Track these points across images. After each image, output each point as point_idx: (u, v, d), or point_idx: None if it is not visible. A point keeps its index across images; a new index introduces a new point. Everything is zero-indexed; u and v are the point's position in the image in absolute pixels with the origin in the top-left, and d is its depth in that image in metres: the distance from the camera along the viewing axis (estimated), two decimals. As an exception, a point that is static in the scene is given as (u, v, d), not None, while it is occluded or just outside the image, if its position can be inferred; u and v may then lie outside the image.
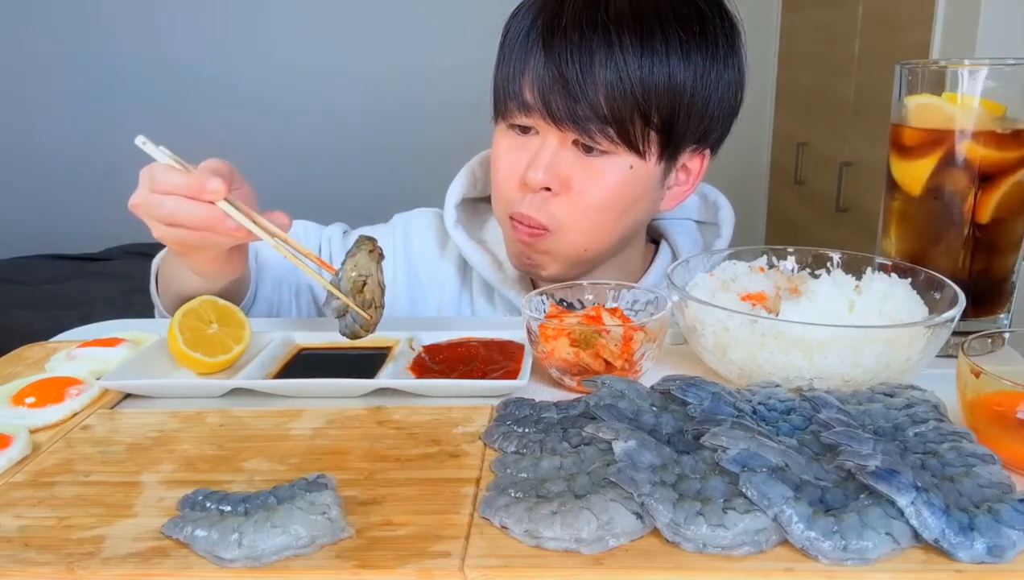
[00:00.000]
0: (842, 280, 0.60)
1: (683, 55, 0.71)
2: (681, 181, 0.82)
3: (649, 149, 0.74)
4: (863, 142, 1.94)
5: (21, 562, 0.40)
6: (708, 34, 0.73)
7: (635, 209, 0.79)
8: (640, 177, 0.76)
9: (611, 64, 0.70)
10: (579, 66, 0.70)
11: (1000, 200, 0.62)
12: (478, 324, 0.73)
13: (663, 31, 0.71)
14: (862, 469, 0.40)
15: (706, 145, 0.80)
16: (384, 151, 2.76)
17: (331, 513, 0.40)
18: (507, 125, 0.78)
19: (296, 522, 0.39)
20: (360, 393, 0.59)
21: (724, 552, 0.39)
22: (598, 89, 0.70)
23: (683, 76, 0.72)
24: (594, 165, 0.74)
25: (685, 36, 0.72)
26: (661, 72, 0.71)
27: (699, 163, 0.82)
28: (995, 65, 0.60)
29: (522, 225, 0.77)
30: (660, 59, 0.71)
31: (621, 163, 0.74)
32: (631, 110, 0.71)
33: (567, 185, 0.75)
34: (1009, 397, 0.46)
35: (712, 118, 0.77)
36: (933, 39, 1.52)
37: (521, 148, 0.76)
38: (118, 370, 0.60)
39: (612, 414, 0.48)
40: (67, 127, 2.75)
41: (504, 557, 0.39)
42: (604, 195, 0.75)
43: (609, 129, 0.71)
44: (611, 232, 0.79)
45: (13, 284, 2.22)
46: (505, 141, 0.78)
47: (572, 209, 0.75)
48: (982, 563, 0.38)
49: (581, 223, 0.76)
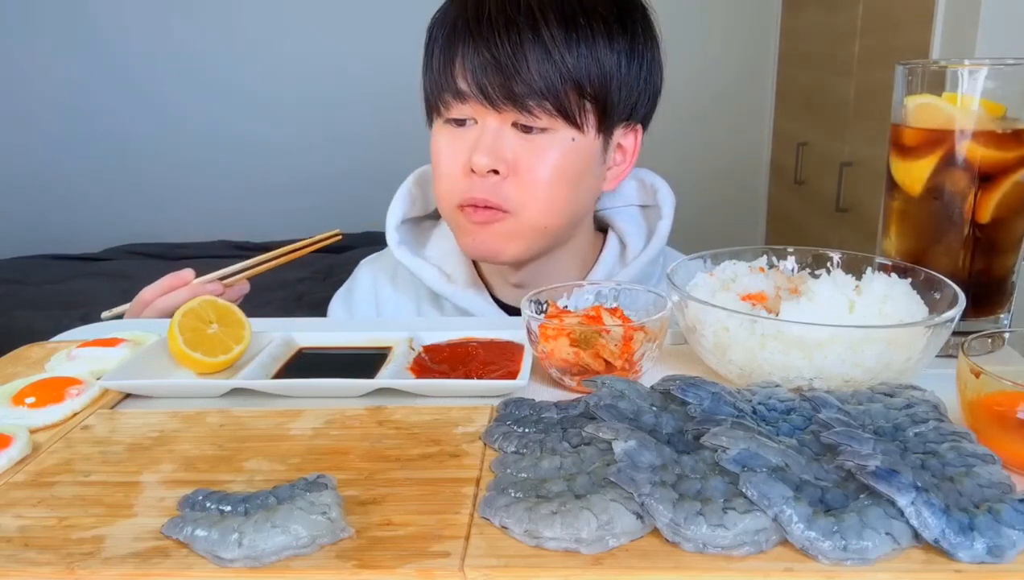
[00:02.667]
0: (842, 280, 0.60)
1: (607, 33, 0.75)
2: (619, 161, 0.85)
3: (586, 121, 0.76)
4: (863, 142, 1.94)
5: (21, 562, 0.40)
6: (627, 17, 0.77)
7: (582, 184, 0.80)
8: (582, 149, 0.78)
9: (539, 42, 0.73)
10: (509, 46, 0.72)
11: (1000, 200, 0.62)
12: (478, 324, 0.73)
13: (585, 12, 0.74)
14: (862, 469, 0.40)
15: (635, 120, 0.83)
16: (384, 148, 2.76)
17: (331, 513, 0.40)
18: (443, 121, 0.79)
19: (296, 522, 0.39)
20: (360, 393, 0.59)
21: (724, 552, 0.39)
22: (530, 65, 0.72)
23: (610, 52, 0.75)
24: (536, 143, 0.76)
25: (607, 16, 0.75)
26: (588, 49, 0.74)
27: (632, 140, 0.84)
28: (995, 65, 0.60)
29: (477, 209, 0.78)
30: (585, 35, 0.74)
31: (563, 138, 0.76)
32: (564, 83, 0.74)
33: (514, 167, 0.76)
34: (1009, 397, 0.46)
35: (640, 93, 0.80)
36: (933, 39, 1.52)
37: (460, 138, 0.78)
38: (118, 370, 0.60)
39: (612, 414, 0.48)
40: (67, 127, 2.75)
41: (504, 557, 0.39)
42: (551, 171, 0.77)
43: (546, 103, 0.74)
44: (565, 208, 0.80)
45: (13, 284, 2.22)
46: (444, 136, 0.80)
47: (525, 190, 0.77)
48: (982, 563, 0.38)
49: (535, 201, 0.78)
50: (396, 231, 0.90)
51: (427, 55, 0.80)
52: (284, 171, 2.76)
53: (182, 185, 2.77)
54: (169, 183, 2.76)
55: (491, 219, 0.78)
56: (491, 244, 0.81)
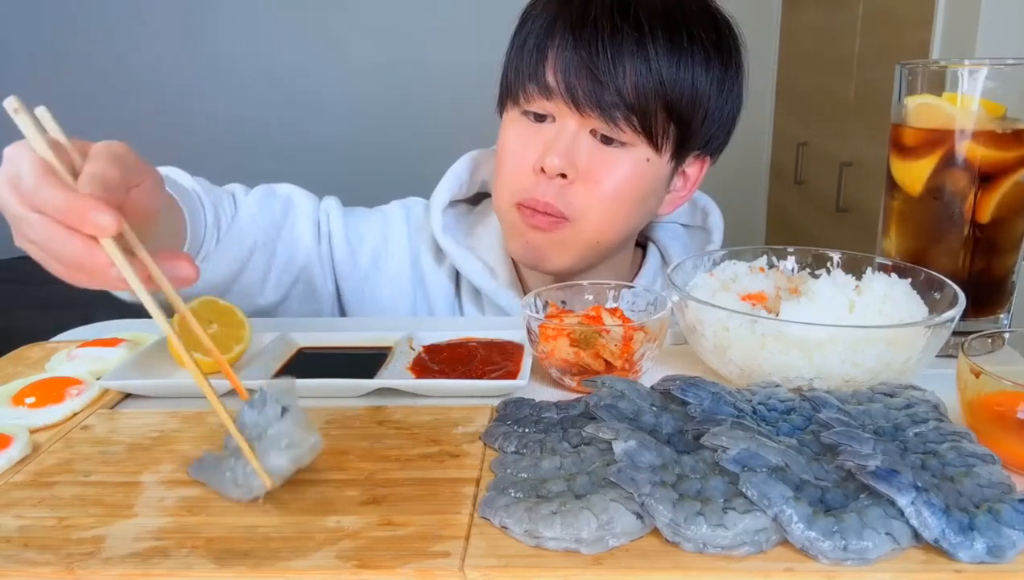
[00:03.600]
0: (842, 280, 0.60)
1: (705, 59, 0.73)
2: (679, 187, 0.83)
3: (666, 144, 0.75)
4: (863, 142, 1.94)
5: (21, 562, 0.40)
6: (723, 47, 0.76)
7: (645, 204, 0.79)
8: (653, 172, 0.76)
9: (641, 55, 0.70)
10: (609, 53, 0.70)
11: (1000, 200, 0.62)
12: (478, 324, 0.73)
13: (689, 34, 0.72)
14: (862, 469, 0.40)
15: (707, 152, 0.81)
16: (387, 145, 2.76)
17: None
18: (520, 112, 0.77)
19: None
20: (360, 393, 0.59)
21: (724, 552, 0.39)
22: (627, 76, 0.70)
23: (705, 79, 0.73)
24: (612, 155, 0.74)
25: (707, 43, 0.73)
26: (686, 71, 0.72)
27: (698, 170, 0.82)
28: (995, 65, 0.60)
29: (537, 212, 0.76)
30: (686, 58, 0.72)
31: (638, 155, 0.75)
32: (655, 102, 0.72)
33: (584, 174, 0.74)
34: (1009, 397, 0.46)
35: (720, 125, 0.78)
36: (933, 39, 1.52)
37: (535, 135, 0.75)
38: (118, 370, 0.60)
39: (612, 414, 0.48)
40: (67, 127, 2.74)
41: (504, 557, 0.39)
42: (619, 186, 0.75)
43: (633, 118, 0.72)
44: (623, 224, 0.79)
45: (13, 284, 2.22)
46: (517, 128, 0.77)
47: (589, 197, 0.75)
48: (982, 563, 0.38)
49: (597, 213, 0.76)
50: (442, 214, 0.88)
51: (517, 41, 0.77)
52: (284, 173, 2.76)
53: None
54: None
55: (549, 226, 0.76)
56: (542, 251, 0.79)
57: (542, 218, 0.76)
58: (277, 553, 0.40)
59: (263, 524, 0.42)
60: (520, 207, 0.77)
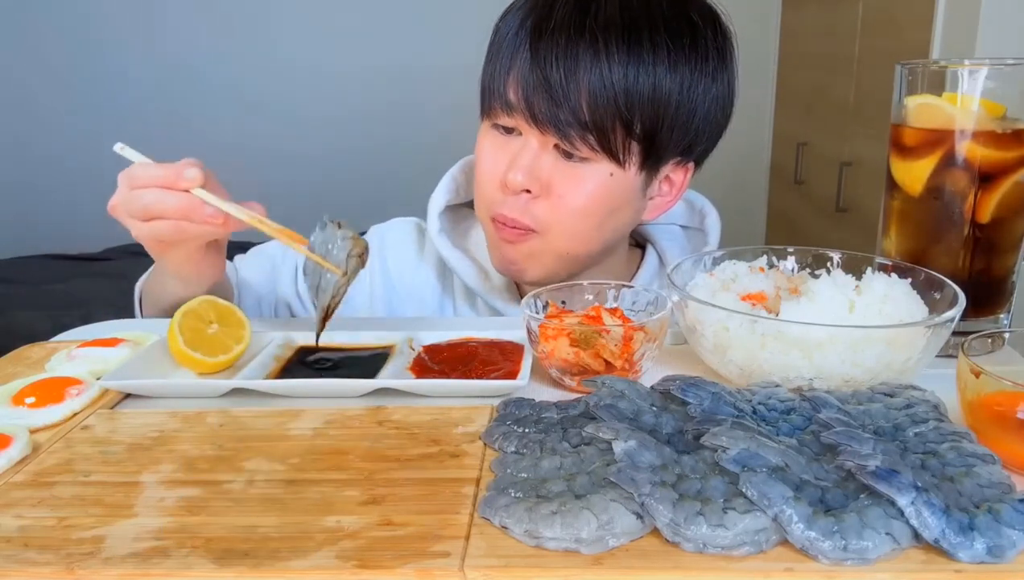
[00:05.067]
0: (842, 280, 0.60)
1: (670, 66, 0.71)
2: (664, 192, 0.82)
3: (630, 159, 0.74)
4: (863, 142, 1.94)
5: (21, 562, 0.40)
6: (699, 47, 0.73)
7: (616, 217, 0.78)
8: (620, 186, 0.75)
9: (596, 70, 0.69)
10: (563, 71, 0.69)
11: (1000, 200, 0.62)
12: (478, 324, 0.73)
13: (652, 40, 0.70)
14: (862, 469, 0.40)
15: (690, 158, 0.79)
16: (382, 152, 2.76)
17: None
18: (491, 124, 0.78)
19: None
20: (360, 393, 0.59)
21: (724, 552, 0.39)
22: (581, 95, 0.70)
23: (668, 87, 0.71)
24: (574, 171, 0.74)
25: (674, 47, 0.71)
26: (646, 81, 0.70)
27: (683, 176, 0.81)
28: (995, 65, 0.60)
29: (505, 226, 0.77)
30: (646, 68, 0.70)
31: (601, 170, 0.74)
32: (613, 119, 0.71)
33: (547, 188, 0.75)
34: (1009, 397, 0.46)
35: (697, 132, 0.76)
36: (933, 39, 1.52)
37: (503, 148, 0.76)
38: (118, 370, 0.60)
39: (612, 414, 0.48)
40: (67, 127, 2.75)
41: (504, 557, 0.39)
42: (584, 201, 0.75)
43: (590, 137, 0.71)
44: (593, 237, 0.78)
45: (13, 284, 2.22)
46: (488, 140, 0.78)
47: (554, 212, 0.75)
48: (982, 563, 0.38)
49: (563, 226, 0.76)
50: (438, 219, 0.89)
51: (488, 53, 0.77)
52: (285, 175, 2.76)
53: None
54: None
55: (517, 238, 0.77)
56: (517, 263, 0.79)
57: (510, 231, 0.77)
58: (277, 553, 0.40)
59: (263, 524, 0.42)
60: (494, 221, 0.78)
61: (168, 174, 0.64)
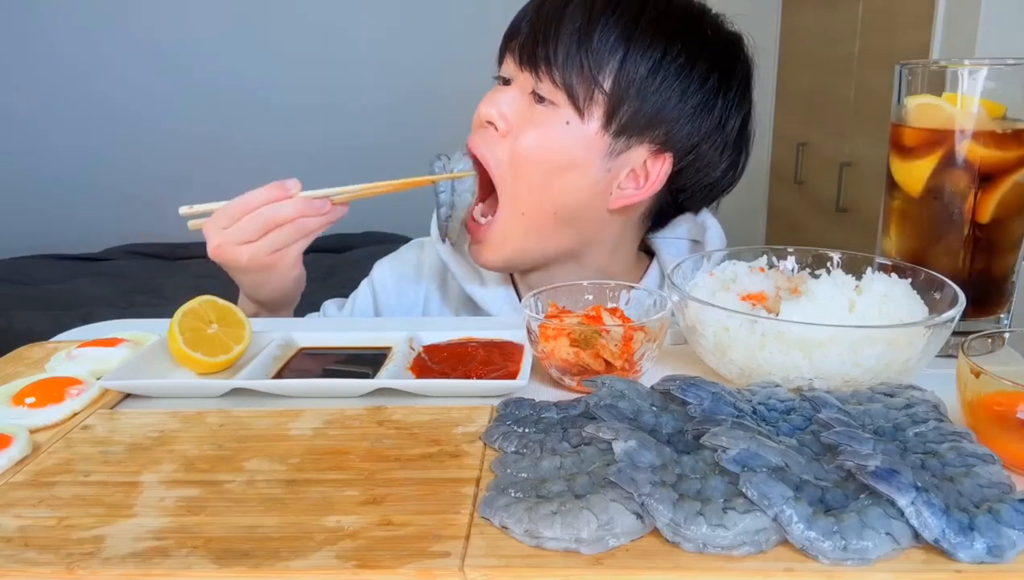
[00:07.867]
0: (842, 280, 0.60)
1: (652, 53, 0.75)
2: (637, 180, 0.79)
3: (590, 111, 0.76)
4: (863, 142, 1.94)
5: (21, 562, 0.40)
6: (693, 53, 0.77)
7: (568, 177, 0.77)
8: (576, 137, 0.76)
9: (578, 17, 0.74)
10: (553, 11, 0.75)
11: (1000, 200, 0.62)
12: (478, 324, 0.73)
13: (639, 23, 0.75)
14: (862, 469, 0.40)
15: (668, 149, 0.78)
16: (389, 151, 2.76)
17: None
18: (496, 78, 0.83)
19: None
20: (360, 393, 0.59)
21: (724, 552, 0.39)
22: (559, 36, 0.74)
23: (641, 61, 0.75)
24: (537, 113, 0.77)
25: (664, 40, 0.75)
26: (619, 46, 0.74)
27: (659, 168, 0.78)
28: (995, 65, 0.60)
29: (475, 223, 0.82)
30: (626, 36, 0.74)
31: (561, 115, 0.76)
32: (581, 66, 0.75)
33: (509, 130, 0.78)
34: (1009, 397, 0.46)
35: (670, 121, 0.77)
36: (933, 39, 1.52)
37: (493, 92, 0.80)
38: (118, 370, 0.60)
39: (612, 414, 0.48)
40: (67, 127, 2.75)
41: (504, 557, 0.39)
42: (535, 143, 0.77)
43: (556, 72, 0.75)
44: (543, 191, 0.78)
45: (13, 284, 2.22)
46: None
47: (509, 154, 0.78)
48: (982, 563, 0.38)
49: (514, 169, 0.78)
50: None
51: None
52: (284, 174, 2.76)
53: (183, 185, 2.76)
54: (170, 183, 2.77)
55: (480, 232, 0.82)
56: (479, 231, 0.82)
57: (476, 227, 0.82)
58: (277, 553, 0.40)
59: (263, 524, 0.42)
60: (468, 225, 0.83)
61: (273, 190, 0.73)
